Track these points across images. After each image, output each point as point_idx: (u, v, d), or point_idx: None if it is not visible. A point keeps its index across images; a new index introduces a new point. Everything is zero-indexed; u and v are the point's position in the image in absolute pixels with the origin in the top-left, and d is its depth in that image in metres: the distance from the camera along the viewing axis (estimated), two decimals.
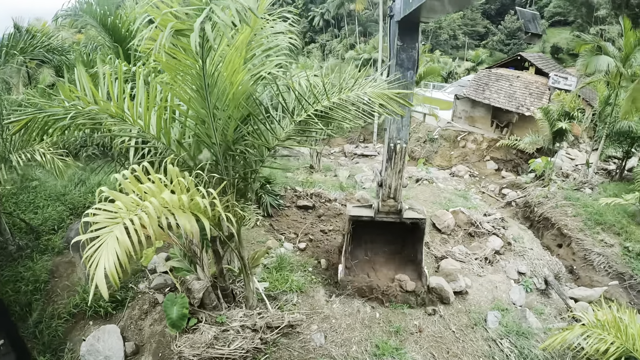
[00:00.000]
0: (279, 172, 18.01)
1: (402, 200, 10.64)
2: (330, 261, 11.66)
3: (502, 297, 11.67)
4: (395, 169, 10.10)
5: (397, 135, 9.80)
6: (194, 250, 8.11)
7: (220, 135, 6.24)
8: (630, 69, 19.21)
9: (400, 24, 8.91)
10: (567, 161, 28.31)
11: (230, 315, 8.17)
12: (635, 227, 15.84)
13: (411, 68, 9.29)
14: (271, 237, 12.32)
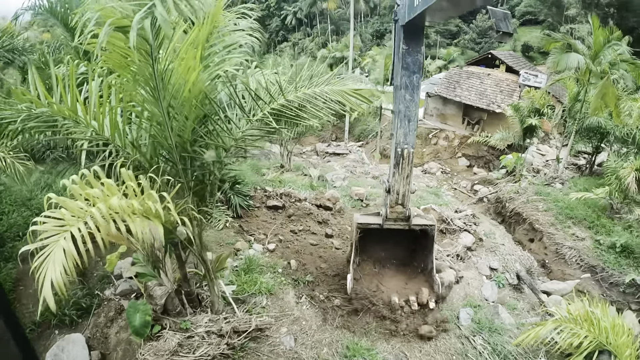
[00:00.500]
0: (249, 172, 17.75)
1: (410, 206, 10.39)
2: (301, 262, 11.45)
3: (474, 293, 11.58)
4: (402, 174, 9.89)
5: (405, 140, 9.64)
6: (157, 255, 7.84)
7: (176, 136, 5.98)
8: (600, 66, 19.40)
9: (405, 28, 8.78)
10: (537, 157, 28.74)
11: (195, 321, 7.89)
12: (606, 221, 16.03)
13: (417, 71, 9.20)
14: (240, 239, 12.06)
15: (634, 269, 13.54)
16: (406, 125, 9.52)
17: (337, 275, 11.29)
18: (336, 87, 6.40)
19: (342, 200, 16.80)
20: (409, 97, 9.31)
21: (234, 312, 8.53)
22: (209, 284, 8.03)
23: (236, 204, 13.16)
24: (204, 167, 6.69)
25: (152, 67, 5.23)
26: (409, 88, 9.24)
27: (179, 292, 8.20)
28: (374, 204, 16.84)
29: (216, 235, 11.93)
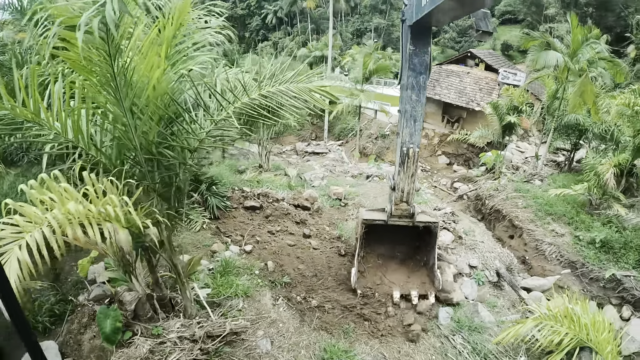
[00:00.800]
0: (227, 172, 17.52)
1: (414, 203, 10.65)
2: (278, 263, 11.27)
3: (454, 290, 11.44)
4: (408, 173, 10.12)
5: (410, 140, 9.89)
6: (127, 260, 7.58)
7: (140, 137, 5.76)
8: (578, 64, 19.53)
9: (412, 28, 8.89)
10: (517, 154, 28.81)
11: (167, 327, 7.66)
12: (586, 217, 16.02)
13: (423, 72, 9.37)
14: (217, 240, 11.84)
15: (614, 264, 13.54)
16: (412, 125, 9.79)
17: (315, 276, 11.17)
18: (301, 85, 6.21)
19: (321, 199, 16.65)
20: (415, 97, 9.53)
21: (209, 316, 8.32)
22: (180, 288, 7.81)
23: (213, 205, 12.95)
24: (170, 169, 6.45)
25: (111, 67, 5.04)
26: (415, 89, 9.44)
27: (150, 297, 7.95)
28: (352, 204, 16.74)
29: (193, 237, 11.72)
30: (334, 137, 39.78)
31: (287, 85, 6.20)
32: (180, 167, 6.39)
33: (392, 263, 12.06)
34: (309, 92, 6.15)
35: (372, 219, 10.86)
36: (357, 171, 24.62)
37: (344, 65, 50.26)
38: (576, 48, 19.45)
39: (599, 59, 20.78)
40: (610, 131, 18.94)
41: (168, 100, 5.82)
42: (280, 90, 6.11)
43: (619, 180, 16.61)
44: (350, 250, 12.96)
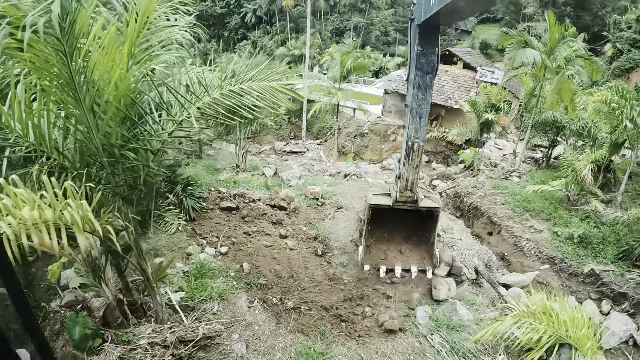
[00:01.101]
0: (203, 173, 17.25)
1: (418, 191, 11.36)
2: (254, 264, 11.08)
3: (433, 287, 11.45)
4: (412, 164, 10.73)
5: (415, 135, 10.40)
6: (97, 264, 7.34)
7: (102, 139, 5.53)
8: (555, 61, 19.66)
9: (421, 27, 9.09)
10: (495, 151, 28.90)
11: (138, 332, 7.45)
12: (563, 212, 16.09)
13: (430, 72, 9.72)
14: (193, 242, 11.61)
15: (592, 259, 13.60)
16: (417, 121, 10.30)
17: (291, 276, 11.02)
18: (264, 83, 6.04)
19: (297, 199, 16.47)
20: (421, 95, 9.99)
21: (181, 321, 8.11)
22: (150, 293, 7.58)
23: (189, 206, 12.71)
24: (133, 172, 6.22)
25: (68, 66, 4.84)
26: (421, 87, 9.87)
27: (120, 302, 7.72)
28: (329, 203, 16.61)
29: (168, 239, 11.46)
30: (312, 136, 39.62)
31: (249, 83, 6.02)
32: (144, 170, 6.15)
33: (395, 242, 12.88)
34: (273, 91, 5.97)
35: (378, 203, 11.61)
36: (335, 170, 24.48)
37: (322, 64, 50.23)
38: (553, 46, 19.57)
39: (576, 56, 20.94)
40: (587, 127, 19.13)
41: (129, 101, 5.59)
42: (242, 89, 5.93)
43: (597, 176, 16.76)
44: (325, 251, 13.06)
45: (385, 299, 10.87)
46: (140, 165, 5.98)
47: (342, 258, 12.86)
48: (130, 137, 5.80)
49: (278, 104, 5.98)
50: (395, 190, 11.44)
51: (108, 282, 7.53)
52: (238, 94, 5.89)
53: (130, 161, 5.88)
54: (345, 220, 15.29)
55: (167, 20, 6.41)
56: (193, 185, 13.46)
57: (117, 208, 6.06)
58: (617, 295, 12.39)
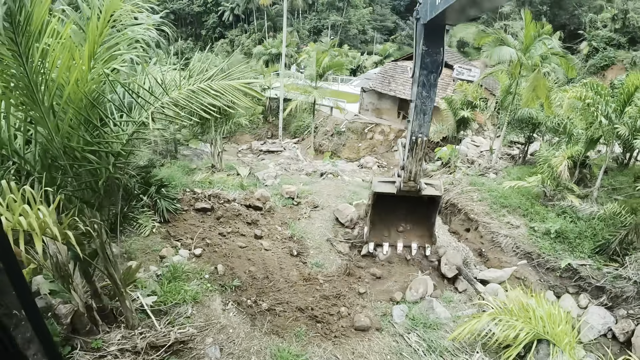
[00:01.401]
0: (179, 174, 16.94)
1: (421, 181, 11.84)
2: (228, 266, 10.89)
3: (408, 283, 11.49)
4: (416, 157, 11.22)
5: (419, 130, 10.81)
6: (65, 270, 7.11)
7: (61, 141, 5.31)
8: (531, 59, 19.82)
9: (426, 27, 9.31)
10: (472, 148, 28.91)
11: (108, 339, 7.23)
12: (540, 208, 16.22)
13: (435, 71, 10.07)
14: (167, 245, 11.39)
15: (570, 254, 13.72)
16: (421, 118, 10.66)
17: (266, 277, 10.86)
18: (223, 82, 5.87)
19: (273, 199, 16.34)
20: (425, 93, 10.36)
21: (153, 326, 7.89)
22: (119, 299, 7.35)
23: (163, 208, 12.47)
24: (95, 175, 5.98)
25: (23, 66, 4.65)
26: (426, 86, 10.24)
27: (89, 308, 7.48)
28: (305, 202, 16.51)
29: (142, 242, 11.26)
30: (289, 135, 39.45)
31: (208, 83, 5.83)
32: (106, 173, 5.92)
33: (397, 222, 13.61)
34: (233, 90, 5.80)
35: (382, 191, 12.16)
36: (311, 169, 24.40)
37: (300, 63, 50.00)
38: (529, 44, 19.74)
39: (552, 54, 21.13)
40: (563, 124, 19.21)
41: (90, 102, 5.37)
42: (201, 88, 5.74)
43: (572, 171, 16.89)
44: (301, 251, 13.02)
45: (362, 298, 10.79)
46: (102, 168, 5.76)
47: (318, 258, 12.77)
48: (91, 139, 5.58)
49: (238, 103, 5.80)
50: (399, 179, 11.89)
51: (76, 288, 7.30)
52: (199, 94, 5.69)
53: (91, 164, 5.66)
54: (321, 220, 15.22)
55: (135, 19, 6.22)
56: (167, 187, 13.21)
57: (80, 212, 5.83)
58: (594, 289, 12.57)
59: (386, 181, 12.56)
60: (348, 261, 12.66)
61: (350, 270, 12.03)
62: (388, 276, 12.03)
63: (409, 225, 13.67)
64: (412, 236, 13.40)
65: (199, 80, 5.86)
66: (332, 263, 12.47)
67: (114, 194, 6.56)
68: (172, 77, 5.93)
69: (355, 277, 11.82)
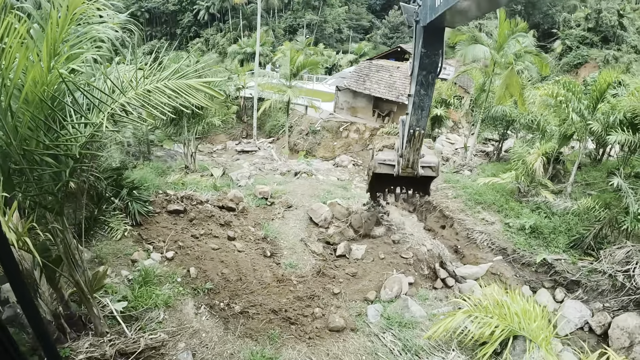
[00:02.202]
0: (152, 175, 16.67)
1: (418, 168, 12.05)
2: (201, 269, 10.68)
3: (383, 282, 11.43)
4: (413, 147, 11.49)
5: (417, 124, 10.96)
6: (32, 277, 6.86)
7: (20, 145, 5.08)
8: (506, 57, 20.11)
9: (425, 29, 9.43)
10: (447, 145, 29.18)
11: (76, 347, 7.02)
12: (514, 204, 16.40)
13: (433, 71, 10.13)
14: (139, 248, 11.16)
15: (545, 249, 13.92)
16: (419, 113, 10.82)
17: (239, 280, 10.67)
18: (180, 82, 5.68)
19: (246, 199, 16.18)
20: (423, 92, 10.46)
21: (124, 332, 7.69)
22: (86, 306, 7.13)
23: (135, 211, 12.21)
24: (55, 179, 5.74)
25: None
26: (424, 85, 10.32)
27: (57, 316, 7.24)
28: (279, 202, 16.36)
29: (114, 246, 10.99)
30: (264, 135, 39.17)
31: (165, 82, 5.63)
32: (66, 177, 5.68)
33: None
34: (190, 89, 5.61)
35: (382, 173, 12.55)
36: (285, 168, 24.17)
37: (275, 62, 49.79)
38: (502, 42, 19.96)
39: (525, 52, 21.39)
40: (537, 121, 19.48)
41: (49, 103, 5.14)
42: (157, 88, 5.54)
43: (546, 167, 17.04)
44: (274, 252, 12.94)
45: (336, 299, 10.70)
46: (62, 172, 5.52)
47: (292, 258, 12.62)
48: (50, 142, 5.34)
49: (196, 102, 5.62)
50: (398, 165, 12.13)
51: (43, 295, 7.06)
52: (155, 94, 5.49)
53: (51, 168, 5.43)
54: (295, 220, 15.09)
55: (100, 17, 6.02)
56: (139, 189, 12.97)
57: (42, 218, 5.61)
58: (570, 283, 12.79)
59: (387, 163, 12.68)
60: (322, 261, 12.60)
61: (324, 271, 11.95)
62: (363, 275, 11.94)
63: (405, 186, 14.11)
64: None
65: (156, 80, 5.65)
66: (306, 263, 12.34)
67: (78, 198, 6.34)
68: (129, 77, 5.70)
69: (329, 277, 11.74)
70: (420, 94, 10.49)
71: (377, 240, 13.85)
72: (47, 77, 4.97)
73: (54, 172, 5.54)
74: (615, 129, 15.05)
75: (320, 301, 10.39)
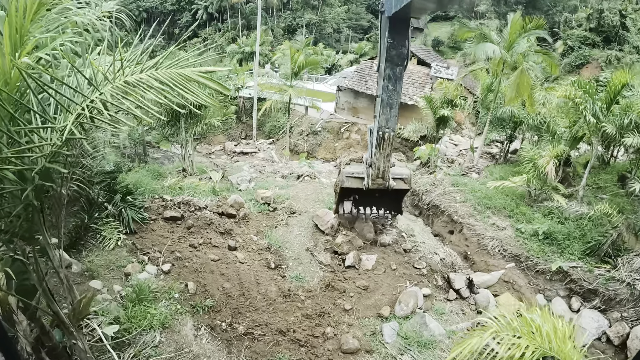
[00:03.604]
0: (148, 179, 15.83)
1: (389, 178, 11.77)
2: (200, 283, 9.88)
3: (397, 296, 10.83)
4: (383, 153, 11.20)
5: (386, 125, 10.80)
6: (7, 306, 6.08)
7: None
8: (514, 56, 19.67)
9: (391, 20, 9.35)
10: (451, 147, 28.90)
11: None
12: (525, 208, 15.85)
13: (400, 64, 10.12)
14: (133, 259, 10.36)
15: (559, 256, 13.39)
16: (388, 112, 10.68)
17: (242, 295, 9.87)
18: (173, 70, 4.67)
19: (247, 205, 15.38)
20: (391, 87, 10.40)
21: None
22: (68, 338, 6.31)
23: (129, 218, 11.43)
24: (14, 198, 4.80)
25: None
26: (391, 79, 10.27)
27: (37, 349, 6.43)
28: (282, 208, 15.56)
29: (106, 257, 10.17)
30: (264, 136, 38.61)
31: (152, 72, 4.61)
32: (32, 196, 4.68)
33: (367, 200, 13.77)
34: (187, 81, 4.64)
35: (350, 187, 12.31)
36: (287, 171, 23.41)
37: (274, 62, 49.33)
38: (512, 40, 19.45)
39: (535, 52, 21.10)
40: (546, 122, 18.92)
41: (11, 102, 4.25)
42: (141, 80, 4.50)
43: (557, 170, 16.47)
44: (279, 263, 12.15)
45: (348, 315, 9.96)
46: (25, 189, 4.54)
47: (298, 270, 11.89)
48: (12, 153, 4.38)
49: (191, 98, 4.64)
50: (367, 175, 11.83)
51: (20, 325, 6.26)
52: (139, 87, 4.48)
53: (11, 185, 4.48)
54: (300, 227, 14.30)
55: None
56: (134, 194, 12.20)
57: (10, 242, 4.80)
58: (586, 292, 12.36)
59: (355, 176, 12.32)
60: (331, 273, 11.87)
61: (334, 283, 11.21)
62: (375, 288, 11.25)
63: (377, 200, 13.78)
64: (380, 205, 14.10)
65: (140, 70, 4.64)
66: (313, 275, 11.61)
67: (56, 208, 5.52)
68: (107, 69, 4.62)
69: (339, 291, 10.98)
70: (389, 89, 10.41)
71: (387, 249, 13.10)
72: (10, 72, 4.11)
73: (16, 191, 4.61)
74: (631, 131, 14.69)
75: (331, 319, 9.66)
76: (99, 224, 10.62)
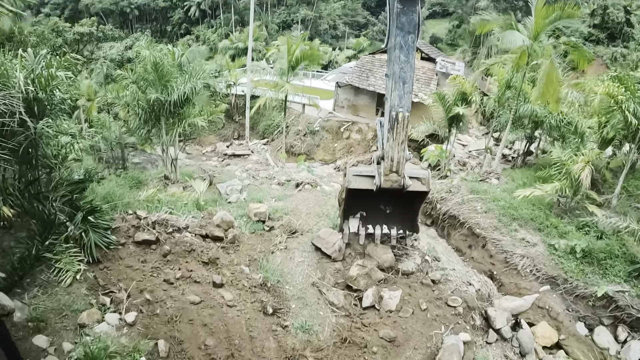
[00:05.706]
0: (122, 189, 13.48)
1: (404, 174, 10.45)
2: (175, 339, 7.58)
3: None
4: (397, 139, 9.99)
5: (399, 103, 9.79)
6: None
7: None
8: (542, 48, 18.42)
9: None
10: (459, 148, 27.86)
11: None
12: (556, 220, 14.46)
13: (412, 32, 9.50)
14: (92, 300, 8.24)
15: (601, 277, 12.05)
16: (401, 88, 9.72)
17: (231, 356, 7.58)
18: None
19: (238, 223, 13.02)
20: (403, 57, 9.60)
21: None
22: None
23: (91, 242, 9.24)
24: None
25: None
26: (403, 48, 9.54)
27: None
28: (279, 225, 13.23)
29: (61, 296, 8.28)
30: (258, 136, 37.22)
31: None
32: None
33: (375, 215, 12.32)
34: None
35: (359, 188, 10.86)
36: (284, 177, 20.94)
37: (269, 58, 48.12)
38: (539, 30, 18.03)
39: (564, 43, 19.79)
40: (574, 123, 17.72)
41: None
42: None
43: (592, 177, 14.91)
44: (278, 306, 10.11)
45: None
46: None
47: (303, 315, 9.75)
48: None
49: None
50: (379, 173, 10.47)
51: None
52: None
53: None
54: (302, 251, 12.06)
55: None
56: (100, 212, 9.99)
57: None
58: (635, 321, 11.14)
59: (364, 174, 10.97)
60: (345, 317, 9.75)
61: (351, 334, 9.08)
62: (404, 339, 9.26)
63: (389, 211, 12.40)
64: (392, 222, 12.26)
65: None
66: (323, 323, 9.45)
67: None
68: None
69: (358, 345, 8.82)
70: (400, 60, 9.60)
71: (411, 280, 11.24)
72: None
73: None
74: None
75: None
76: (55, 251, 8.62)
